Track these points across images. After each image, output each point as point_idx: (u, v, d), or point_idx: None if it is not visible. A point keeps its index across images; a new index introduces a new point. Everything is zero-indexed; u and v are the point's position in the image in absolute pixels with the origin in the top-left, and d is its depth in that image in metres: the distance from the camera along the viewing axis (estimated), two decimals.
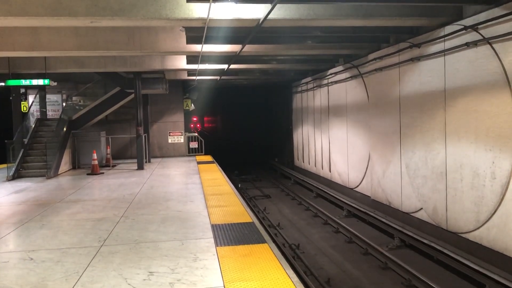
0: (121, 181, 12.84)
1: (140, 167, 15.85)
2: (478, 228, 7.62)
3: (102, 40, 10.56)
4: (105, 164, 17.02)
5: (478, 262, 7.21)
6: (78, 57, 13.55)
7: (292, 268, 5.09)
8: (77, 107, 18.59)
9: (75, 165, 16.87)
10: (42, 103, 18.05)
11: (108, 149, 17.49)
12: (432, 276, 7.50)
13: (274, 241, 9.13)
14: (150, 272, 4.98)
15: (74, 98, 19.42)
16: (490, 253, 7.29)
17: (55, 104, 19.97)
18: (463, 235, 8.04)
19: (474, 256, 7.51)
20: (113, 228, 7.13)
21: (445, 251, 7.95)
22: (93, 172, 14.82)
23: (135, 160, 16.28)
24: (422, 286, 7.26)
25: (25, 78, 13.65)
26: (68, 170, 16.22)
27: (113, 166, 17.06)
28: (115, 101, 17.42)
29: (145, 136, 17.15)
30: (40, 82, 13.41)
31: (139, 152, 16.03)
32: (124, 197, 10.11)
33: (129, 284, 4.65)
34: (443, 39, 8.48)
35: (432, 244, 8.38)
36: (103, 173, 15.03)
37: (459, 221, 8.19)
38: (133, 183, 12.28)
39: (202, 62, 13.10)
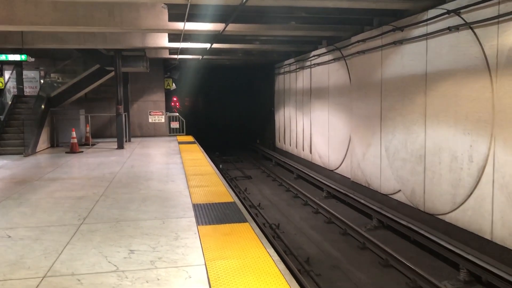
0: (101, 160, 12.69)
1: (120, 146, 15.68)
2: (454, 210, 7.81)
3: (82, 16, 10.30)
4: (85, 143, 16.79)
5: (453, 242, 7.40)
6: (57, 33, 13.20)
7: (272, 247, 5.14)
8: (55, 84, 18.19)
9: (54, 143, 16.59)
10: (19, 80, 17.59)
11: (88, 128, 17.23)
12: (408, 256, 7.68)
13: (255, 221, 9.20)
14: (130, 250, 4.97)
15: (52, 75, 18.99)
16: (465, 234, 7.49)
17: (32, 80, 19.53)
18: (440, 217, 8.23)
19: (449, 237, 7.70)
20: (93, 207, 7.07)
21: (422, 232, 8.14)
22: (72, 150, 14.60)
23: (115, 139, 16.09)
24: (399, 265, 7.44)
25: (0, 53, 13.25)
26: (47, 148, 15.94)
27: (93, 145, 16.84)
28: (94, 79, 17.10)
29: (125, 115, 16.93)
30: (17, 57, 13.06)
31: (119, 131, 15.83)
32: (104, 176, 10.01)
33: (109, 262, 4.64)
34: (426, 22, 8.52)
35: (410, 225, 8.56)
36: (82, 151, 14.83)
37: (436, 203, 8.37)
38: (113, 162, 12.15)
39: (184, 40, 12.91)
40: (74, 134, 14.91)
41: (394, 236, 9.12)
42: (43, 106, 15.74)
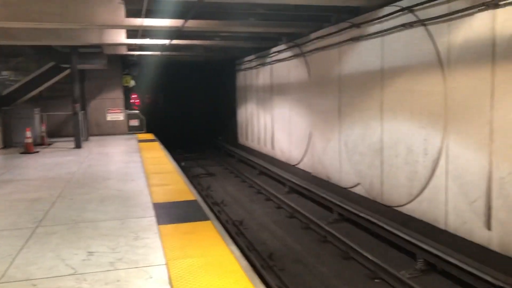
0: (57, 160, 12.31)
1: (78, 145, 15.25)
2: (411, 201, 8.07)
3: (35, 11, 9.90)
4: (40, 143, 16.23)
5: (410, 233, 7.65)
6: (8, 29, 12.65)
7: (235, 244, 5.16)
8: (7, 82, 17.48)
9: (7, 144, 15.95)
10: None
11: (43, 127, 16.67)
12: (368, 247, 7.87)
13: (218, 218, 9.19)
14: (89, 252, 4.86)
15: (4, 73, 18.23)
16: (421, 225, 7.76)
17: None
18: (398, 208, 8.48)
19: (406, 228, 7.94)
20: (49, 208, 6.86)
21: (381, 224, 8.36)
22: (27, 151, 14.09)
23: (72, 139, 15.64)
24: (359, 257, 7.62)
25: None
26: None
27: (49, 144, 16.31)
28: (49, 77, 16.51)
29: (82, 114, 16.49)
30: None
31: (76, 130, 15.39)
32: (61, 176, 9.73)
33: (67, 264, 4.52)
34: (381, 19, 8.73)
35: (369, 218, 8.77)
36: (38, 152, 14.33)
37: (393, 195, 8.62)
38: (70, 162, 11.82)
39: (143, 36, 12.68)
40: (28, 133, 14.40)
41: (354, 228, 9.32)
42: None
